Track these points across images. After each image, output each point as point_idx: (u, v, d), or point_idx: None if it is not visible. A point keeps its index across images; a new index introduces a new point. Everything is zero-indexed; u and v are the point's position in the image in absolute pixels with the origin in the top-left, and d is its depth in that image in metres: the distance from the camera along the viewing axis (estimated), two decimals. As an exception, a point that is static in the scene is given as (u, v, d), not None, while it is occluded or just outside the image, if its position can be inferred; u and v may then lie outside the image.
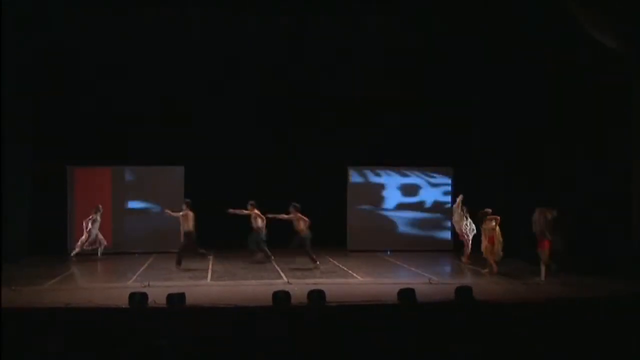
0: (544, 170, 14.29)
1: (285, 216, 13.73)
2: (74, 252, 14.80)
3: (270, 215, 14.04)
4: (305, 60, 16.15)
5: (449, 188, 17.31)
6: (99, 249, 15.14)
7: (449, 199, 17.07)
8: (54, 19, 13.77)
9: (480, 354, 7.61)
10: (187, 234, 13.52)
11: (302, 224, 13.66)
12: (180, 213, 13.61)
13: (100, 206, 15.23)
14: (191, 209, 13.72)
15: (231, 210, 13.95)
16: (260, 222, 14.14)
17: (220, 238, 15.10)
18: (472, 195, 15.53)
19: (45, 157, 15.65)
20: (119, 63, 15.42)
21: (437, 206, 17.31)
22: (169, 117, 16.34)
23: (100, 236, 15.11)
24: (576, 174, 13.37)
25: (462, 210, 14.11)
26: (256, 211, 14.13)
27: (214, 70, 16.09)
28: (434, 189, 17.36)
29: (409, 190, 17.27)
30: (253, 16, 14.64)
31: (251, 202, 14.19)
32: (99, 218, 15.06)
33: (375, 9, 14.55)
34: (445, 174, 17.40)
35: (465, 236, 14.16)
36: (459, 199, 14.31)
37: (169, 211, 14.00)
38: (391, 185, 17.29)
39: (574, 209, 12.66)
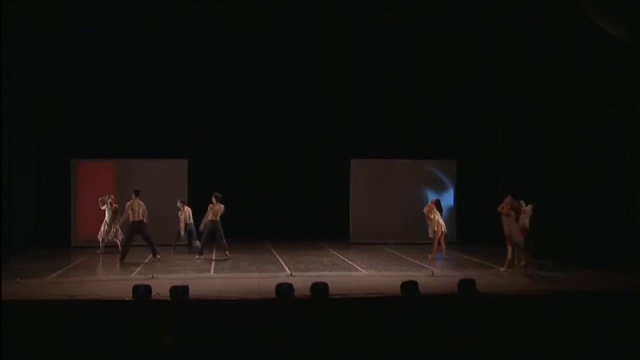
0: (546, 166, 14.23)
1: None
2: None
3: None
4: (306, 56, 16.18)
5: (453, 180, 17.28)
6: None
7: (452, 191, 17.08)
8: (55, 17, 13.79)
9: (483, 346, 7.63)
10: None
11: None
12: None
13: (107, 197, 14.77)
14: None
15: None
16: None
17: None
18: (476, 189, 15.56)
19: (49, 150, 15.69)
20: (122, 57, 15.46)
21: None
22: (173, 110, 16.32)
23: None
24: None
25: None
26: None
27: (215, 64, 16.11)
28: (438, 181, 17.31)
29: (413, 182, 17.21)
30: (252, 10, 14.67)
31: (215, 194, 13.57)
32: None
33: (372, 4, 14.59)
34: (449, 166, 17.33)
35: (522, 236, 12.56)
36: (509, 200, 12.56)
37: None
38: (394, 177, 17.23)
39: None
